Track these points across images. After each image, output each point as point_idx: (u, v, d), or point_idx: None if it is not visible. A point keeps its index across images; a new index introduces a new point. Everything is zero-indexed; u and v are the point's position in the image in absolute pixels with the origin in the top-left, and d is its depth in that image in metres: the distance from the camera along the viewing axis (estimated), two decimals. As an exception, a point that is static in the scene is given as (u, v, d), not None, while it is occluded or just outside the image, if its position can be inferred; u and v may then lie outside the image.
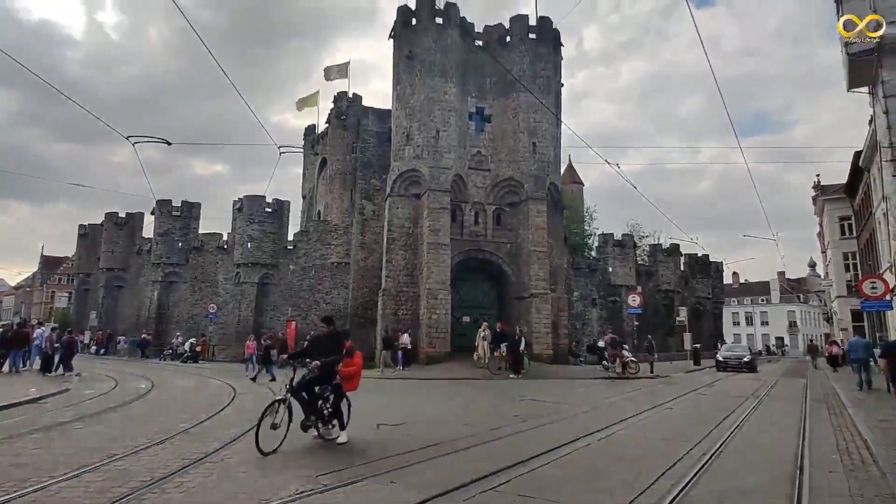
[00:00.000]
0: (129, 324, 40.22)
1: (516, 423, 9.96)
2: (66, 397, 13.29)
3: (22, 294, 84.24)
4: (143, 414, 11.10)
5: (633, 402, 13.34)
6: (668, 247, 41.69)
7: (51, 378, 17.63)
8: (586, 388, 17.08)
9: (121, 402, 12.42)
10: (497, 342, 21.04)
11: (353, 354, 8.03)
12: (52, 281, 72.18)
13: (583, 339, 30.24)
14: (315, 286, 32.17)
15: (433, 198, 25.39)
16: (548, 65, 28.60)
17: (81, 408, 11.58)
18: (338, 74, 34.79)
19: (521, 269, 26.97)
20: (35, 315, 64.71)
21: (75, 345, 20.46)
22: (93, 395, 13.58)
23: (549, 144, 28.02)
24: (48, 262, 72.66)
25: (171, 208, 37.91)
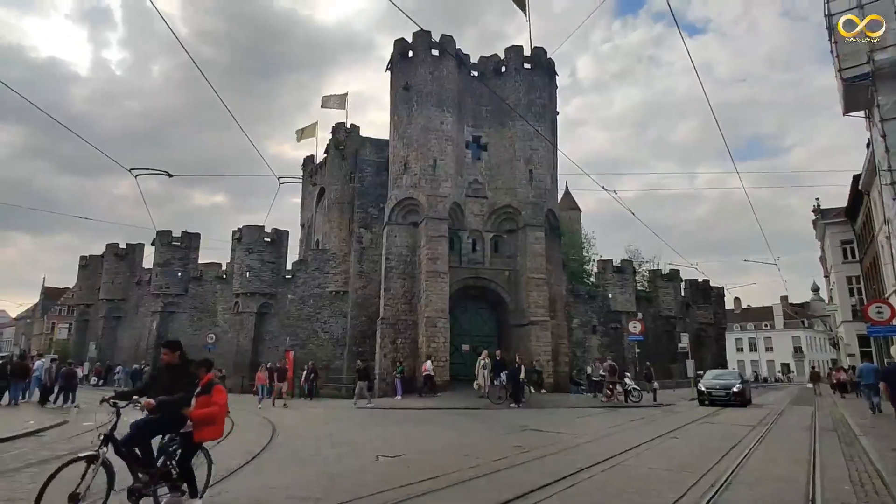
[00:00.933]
0: (127, 354, 39.95)
1: (518, 454, 9.83)
2: (63, 430, 13.14)
3: (23, 325, 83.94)
4: None
5: (636, 432, 13.17)
6: (667, 272, 41.70)
7: (49, 410, 17.50)
8: (589, 418, 16.88)
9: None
10: (497, 371, 20.88)
11: (211, 391, 5.77)
12: (52, 312, 71.99)
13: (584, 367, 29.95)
14: (313, 315, 32.11)
15: (431, 226, 25.59)
16: (543, 93, 29.21)
17: (79, 441, 11.43)
18: (336, 104, 35.49)
19: (519, 297, 26.98)
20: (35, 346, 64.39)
21: (75, 376, 20.36)
22: (90, 428, 13.39)
23: (545, 171, 28.39)
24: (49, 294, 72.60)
25: (171, 239, 38.11)
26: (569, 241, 38.73)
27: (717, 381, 22.48)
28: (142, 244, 43.21)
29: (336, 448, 10.96)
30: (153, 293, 37.97)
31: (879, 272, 25.94)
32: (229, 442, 11.51)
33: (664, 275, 41.42)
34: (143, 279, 40.57)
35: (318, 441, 11.80)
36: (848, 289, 34.87)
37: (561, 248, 31.02)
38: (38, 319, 76.01)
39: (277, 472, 8.35)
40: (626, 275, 36.90)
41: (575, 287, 34.72)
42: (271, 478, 7.85)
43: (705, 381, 22.81)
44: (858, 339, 32.19)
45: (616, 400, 21.08)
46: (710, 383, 22.26)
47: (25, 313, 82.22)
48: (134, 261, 43.29)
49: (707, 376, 24.32)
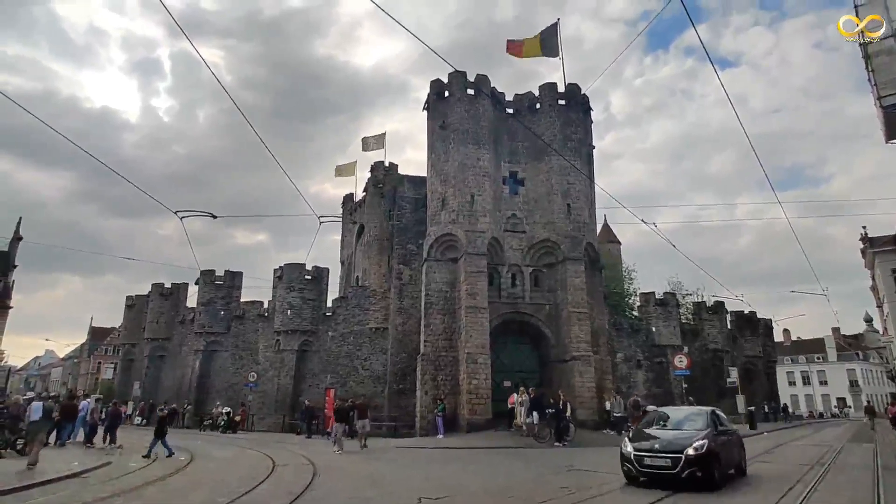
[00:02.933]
0: (171, 393, 40.68)
1: (564, 496, 9.63)
2: (107, 471, 13.24)
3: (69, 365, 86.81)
4: (181, 488, 11.10)
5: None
6: (712, 304, 40.42)
7: (95, 450, 17.73)
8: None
9: (160, 476, 12.40)
10: (532, 408, 20.26)
11: None
12: (98, 352, 74.32)
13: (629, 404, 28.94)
14: (354, 352, 32.23)
15: (470, 261, 25.67)
16: (578, 128, 29.44)
17: (122, 482, 11.54)
18: (375, 145, 36.53)
19: (560, 331, 26.54)
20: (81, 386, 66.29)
21: (120, 416, 20.75)
22: (134, 469, 13.62)
23: (583, 205, 28.31)
24: (96, 334, 75.12)
25: (214, 278, 39.21)
26: (609, 274, 38.14)
27: (661, 436, 10.98)
28: (186, 283, 44.53)
29: (376, 489, 10.88)
30: (196, 332, 38.87)
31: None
32: (268, 482, 11.52)
33: (709, 307, 40.17)
34: (187, 318, 41.64)
35: (358, 482, 11.71)
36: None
37: (602, 282, 30.57)
38: (84, 359, 78.53)
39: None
40: (669, 307, 35.95)
41: (618, 321, 33.98)
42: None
43: (636, 437, 11.44)
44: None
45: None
46: (640, 445, 10.67)
47: (73, 353, 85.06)
48: (178, 300, 44.58)
49: (646, 421, 13.16)
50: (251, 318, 37.68)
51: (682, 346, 33.38)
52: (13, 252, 36.81)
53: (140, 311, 46.62)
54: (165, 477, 12.34)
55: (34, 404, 16.55)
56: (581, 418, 24.16)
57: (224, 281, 39.39)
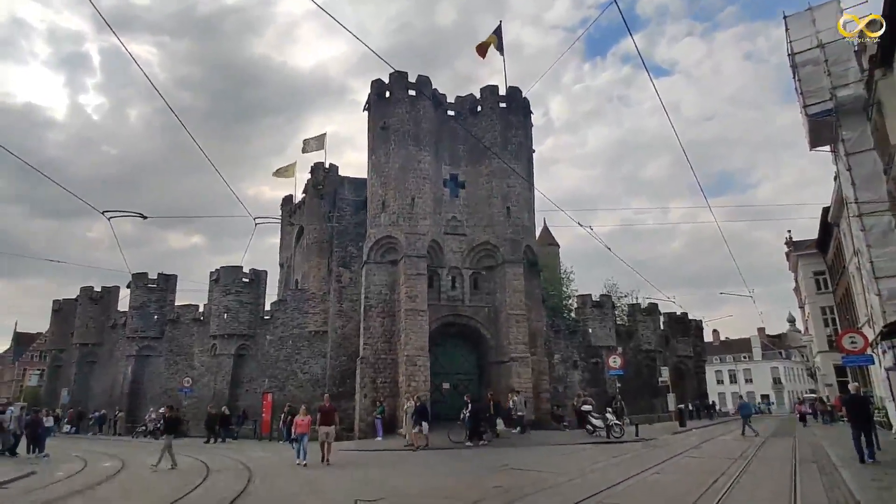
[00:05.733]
0: (101, 400, 38.21)
1: (498, 495, 9.48)
2: (31, 481, 12.48)
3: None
4: (108, 497, 10.55)
5: (620, 468, 12.82)
6: (646, 306, 41.69)
7: (17, 461, 16.66)
8: (571, 455, 16.36)
9: (88, 485, 11.68)
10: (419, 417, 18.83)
11: None
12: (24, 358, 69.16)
13: (565, 403, 29.30)
14: (292, 356, 31.17)
15: (410, 264, 25.30)
16: (519, 132, 29.62)
17: (46, 493, 10.82)
18: (315, 146, 35.59)
19: (500, 333, 26.56)
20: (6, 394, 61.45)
21: (40, 424, 19.15)
22: (59, 479, 12.70)
23: (522, 208, 28.49)
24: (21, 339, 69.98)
25: (147, 281, 37.10)
26: (548, 276, 38.63)
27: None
28: (117, 287, 42.02)
29: (313, 494, 10.56)
30: (128, 337, 36.65)
31: (852, 302, 26.17)
32: (201, 488, 10.89)
33: (643, 309, 41.39)
34: (119, 322, 39.22)
35: (295, 486, 11.30)
36: (822, 319, 35.13)
37: (540, 284, 30.85)
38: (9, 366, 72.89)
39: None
40: (605, 309, 36.75)
41: (555, 322, 34.41)
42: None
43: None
44: (835, 368, 32.21)
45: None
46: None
47: (-4, 360, 78.77)
48: (109, 304, 41.95)
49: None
50: (186, 322, 35.86)
51: (617, 347, 34.16)
52: (-77, 252, 33.51)
53: (68, 316, 43.58)
54: (94, 485, 11.64)
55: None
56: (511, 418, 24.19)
57: (157, 284, 37.32)
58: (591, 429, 21.15)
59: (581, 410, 22.79)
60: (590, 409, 22.10)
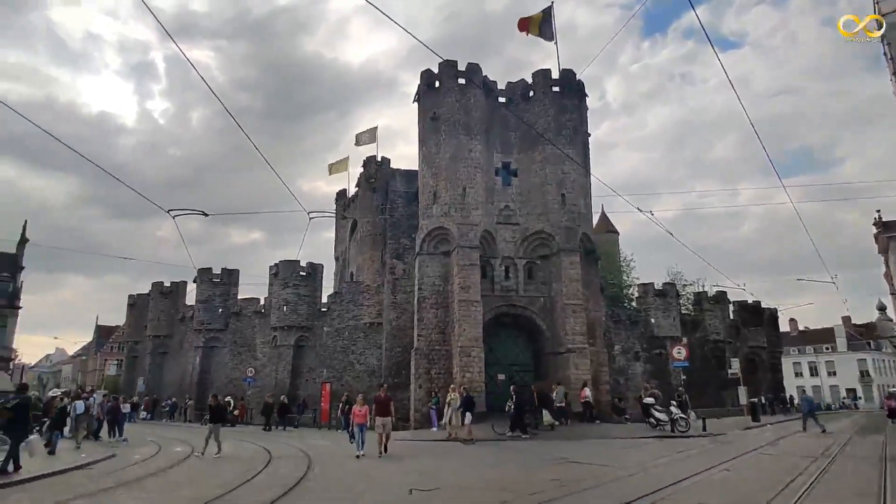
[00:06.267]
0: (173, 389, 41.13)
1: (555, 489, 9.40)
2: (111, 463, 13.72)
3: (78, 363, 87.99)
4: (180, 480, 11.30)
5: (685, 464, 12.47)
6: (713, 294, 40.01)
7: (101, 444, 18.30)
8: (632, 448, 16.08)
9: (162, 468, 12.70)
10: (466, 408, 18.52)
11: None
12: (105, 349, 75.13)
13: (627, 395, 28.70)
14: (349, 347, 32.26)
15: (462, 254, 25.48)
16: (573, 115, 29.00)
17: (125, 474, 11.89)
18: (367, 139, 36.34)
19: (556, 324, 26.33)
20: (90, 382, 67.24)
21: (119, 410, 21.00)
22: (136, 461, 13.88)
23: (578, 195, 27.97)
24: (102, 332, 75.94)
25: (211, 276, 39.43)
26: (607, 265, 37.83)
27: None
28: (185, 282, 44.90)
29: (369, 481, 10.90)
30: (196, 329, 39.16)
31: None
32: (263, 474, 11.58)
33: (710, 297, 39.75)
34: (187, 315, 41.96)
35: (352, 474, 11.71)
36: (917, 307, 32.39)
37: (598, 273, 30.26)
38: (92, 356, 79.48)
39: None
40: (668, 298, 35.59)
41: (615, 312, 33.71)
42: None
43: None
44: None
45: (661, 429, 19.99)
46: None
47: (81, 351, 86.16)
48: (177, 298, 44.98)
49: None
50: (248, 315, 37.87)
51: (682, 338, 33.04)
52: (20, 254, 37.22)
53: (142, 310, 47.13)
54: (166, 469, 12.62)
55: (77, 402, 18.06)
56: (577, 410, 24.02)
57: (221, 279, 39.61)
58: (655, 422, 20.66)
59: (643, 403, 22.27)
60: (652, 402, 21.56)
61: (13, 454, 11.29)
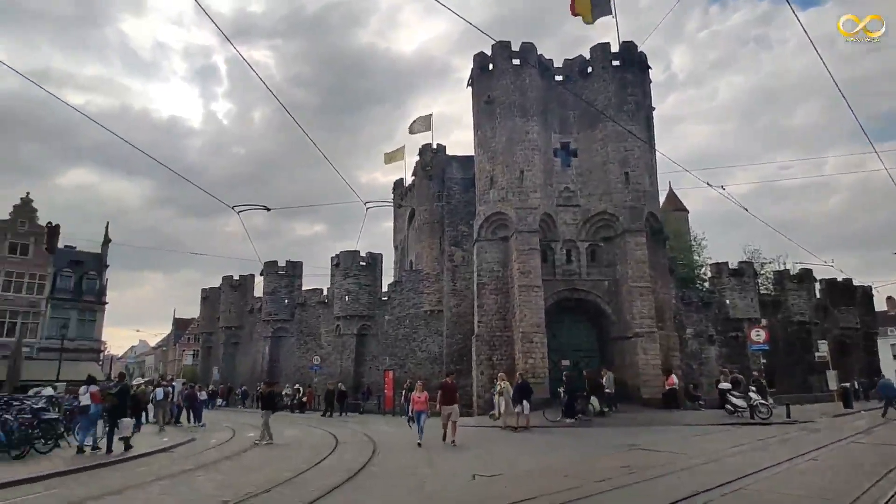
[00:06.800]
0: (245, 377, 43.80)
1: (624, 476, 9.36)
2: (190, 447, 15.00)
3: (159, 353, 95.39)
4: (253, 464, 12.11)
5: (765, 452, 12.01)
6: (797, 272, 37.77)
7: (181, 429, 19.97)
8: (707, 436, 15.68)
9: (236, 452, 13.71)
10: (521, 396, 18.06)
11: None
12: (182, 340, 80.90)
13: (700, 380, 27.81)
14: (410, 335, 33.10)
15: (521, 239, 25.46)
16: (635, 90, 28.11)
17: (202, 457, 12.92)
18: (421, 127, 36.74)
19: (621, 308, 25.86)
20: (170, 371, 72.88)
21: (196, 398, 22.77)
22: (213, 445, 15.02)
23: (643, 172, 27.17)
24: (179, 324, 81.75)
25: (277, 268, 41.49)
26: (675, 244, 36.55)
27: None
28: (252, 275, 47.42)
29: (433, 467, 11.21)
30: (264, 320, 41.42)
31: None
32: (330, 458, 12.25)
33: (793, 276, 37.57)
34: (255, 307, 44.41)
35: (415, 459, 12.10)
36: None
37: (667, 253, 29.36)
38: (171, 347, 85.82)
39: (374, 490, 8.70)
40: (745, 278, 33.98)
41: (686, 294, 32.59)
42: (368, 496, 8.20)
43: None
44: None
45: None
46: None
47: (161, 342, 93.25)
48: (246, 291, 47.61)
49: None
50: (313, 305, 39.60)
51: (761, 319, 31.54)
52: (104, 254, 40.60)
53: (214, 303, 50.26)
54: (240, 453, 13.64)
55: (157, 389, 20.15)
56: (646, 396, 23.67)
57: (286, 271, 41.61)
58: (732, 409, 19.97)
59: (720, 388, 21.56)
60: (729, 387, 20.83)
61: (113, 435, 12.85)
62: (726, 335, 32.26)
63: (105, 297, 39.71)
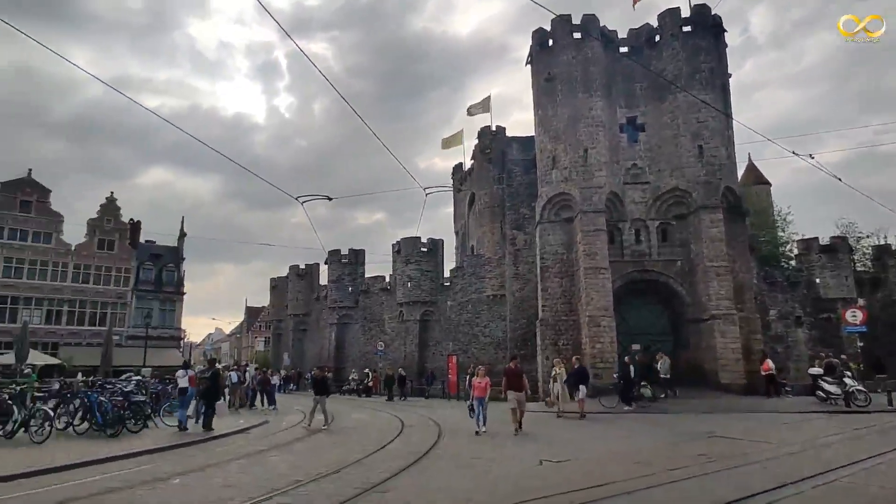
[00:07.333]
0: (313, 362, 45.71)
1: (702, 464, 8.99)
2: (264, 429, 15.85)
3: (234, 340, 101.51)
4: (323, 445, 12.64)
5: (862, 443, 11.21)
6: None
7: (256, 412, 21.17)
8: (794, 424, 14.79)
9: (307, 434, 14.38)
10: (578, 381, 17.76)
11: None
12: (254, 328, 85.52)
13: (788, 365, 26.15)
14: (473, 320, 33.26)
15: (586, 220, 24.80)
16: (709, 56, 26.47)
17: (276, 438, 13.64)
18: (480, 109, 36.42)
19: (696, 289, 24.72)
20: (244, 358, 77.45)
21: (268, 382, 24.06)
22: (285, 428, 15.81)
23: (718, 144, 25.67)
24: (251, 312, 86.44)
25: (340, 257, 42.85)
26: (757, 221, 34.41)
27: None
28: (317, 264, 49.24)
29: (499, 451, 11.23)
30: (330, 307, 43.02)
31: None
32: (397, 441, 12.56)
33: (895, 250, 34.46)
34: (321, 295, 46.17)
35: (482, 444, 12.17)
36: None
37: (747, 230, 27.73)
38: (244, 334, 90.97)
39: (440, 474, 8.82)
40: (839, 254, 31.53)
41: (769, 273, 30.67)
42: (434, 480, 8.32)
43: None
44: None
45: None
46: None
47: (235, 330, 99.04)
48: (312, 279, 49.57)
49: None
50: (376, 292, 40.63)
51: (857, 299, 29.18)
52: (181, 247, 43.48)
53: (282, 291, 52.74)
54: (311, 435, 14.31)
55: (230, 373, 22.09)
56: (724, 382, 22.61)
57: (349, 259, 42.87)
58: (824, 395, 18.68)
59: (811, 373, 20.23)
60: (820, 373, 19.47)
61: (212, 414, 14.33)
62: (816, 317, 30.12)
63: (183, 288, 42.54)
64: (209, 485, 7.97)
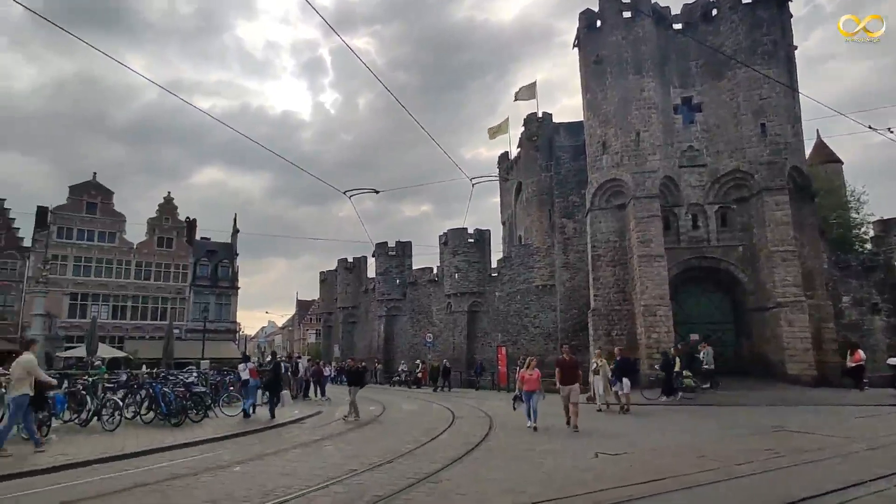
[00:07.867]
0: (363, 354, 46.76)
1: (768, 459, 8.66)
2: (318, 419, 16.35)
3: (286, 332, 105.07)
4: (376, 435, 12.92)
5: (946, 440, 10.48)
6: None
7: (309, 402, 21.84)
8: (871, 419, 13.94)
9: (359, 425, 14.71)
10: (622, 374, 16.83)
11: None
12: (305, 320, 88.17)
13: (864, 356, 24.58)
14: (522, 310, 33.03)
15: (639, 206, 24.11)
16: (771, 28, 25.09)
17: (329, 428, 14.05)
18: (526, 95, 35.85)
19: (759, 275, 23.64)
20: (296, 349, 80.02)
21: (321, 373, 24.75)
22: (337, 418, 16.28)
23: (783, 122, 24.36)
24: (301, 306, 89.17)
25: (387, 249, 43.45)
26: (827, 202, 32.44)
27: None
28: (365, 257, 50.16)
29: (553, 443, 11.17)
30: (378, 299, 43.74)
31: None
32: (448, 433, 12.67)
33: None
34: (369, 287, 47.02)
35: (534, 436, 12.12)
36: None
37: (815, 212, 26.24)
38: (296, 327, 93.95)
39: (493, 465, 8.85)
40: (919, 236, 29.28)
41: (842, 258, 28.89)
42: (487, 471, 8.36)
43: None
44: None
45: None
46: None
47: (287, 323, 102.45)
48: (360, 272, 50.53)
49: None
50: (423, 284, 41.00)
51: (944, 285, 27.10)
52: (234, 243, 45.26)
53: (332, 284, 54.04)
54: (363, 425, 14.64)
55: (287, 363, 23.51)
56: (792, 373, 21.58)
57: (396, 251, 43.40)
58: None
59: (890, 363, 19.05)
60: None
61: (276, 403, 15.35)
62: (895, 303, 28.20)
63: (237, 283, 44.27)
64: (268, 472, 8.31)
